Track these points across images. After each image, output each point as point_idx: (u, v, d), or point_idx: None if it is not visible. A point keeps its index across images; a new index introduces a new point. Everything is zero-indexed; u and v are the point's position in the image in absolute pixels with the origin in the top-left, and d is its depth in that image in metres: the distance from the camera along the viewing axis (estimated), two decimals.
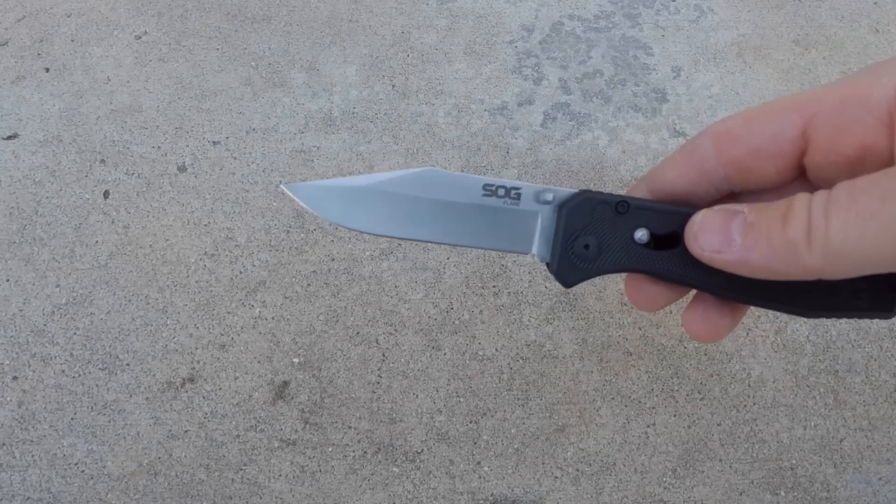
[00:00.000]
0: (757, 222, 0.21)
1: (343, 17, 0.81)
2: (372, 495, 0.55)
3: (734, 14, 0.82)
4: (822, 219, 0.20)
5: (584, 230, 0.26)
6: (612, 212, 0.26)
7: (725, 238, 0.22)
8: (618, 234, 0.26)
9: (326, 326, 0.61)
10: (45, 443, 0.56)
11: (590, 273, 0.27)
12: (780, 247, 0.21)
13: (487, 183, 0.27)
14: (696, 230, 0.23)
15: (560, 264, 0.27)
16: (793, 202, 0.21)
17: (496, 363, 0.59)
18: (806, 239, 0.20)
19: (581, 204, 0.26)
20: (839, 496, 0.55)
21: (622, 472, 0.56)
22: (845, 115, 0.21)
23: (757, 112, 0.24)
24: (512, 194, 0.27)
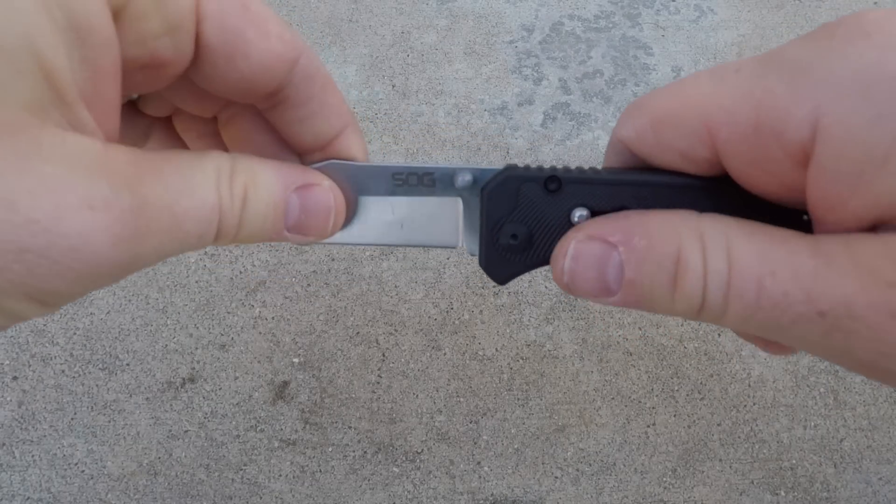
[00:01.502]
0: (636, 280, 0.18)
1: (343, 17, 0.81)
2: (372, 495, 0.55)
3: (734, 14, 0.82)
4: (721, 300, 0.17)
5: (510, 216, 0.22)
6: (541, 191, 0.22)
7: (601, 286, 0.19)
8: (551, 217, 0.22)
9: (326, 326, 0.61)
10: (45, 443, 0.56)
11: (523, 266, 0.23)
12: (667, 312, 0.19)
13: (396, 171, 0.24)
14: (566, 278, 0.20)
15: (488, 258, 0.23)
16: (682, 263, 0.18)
17: (496, 363, 0.59)
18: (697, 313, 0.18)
19: (503, 184, 0.22)
20: (839, 496, 0.55)
21: (622, 472, 0.56)
22: (757, 149, 0.18)
23: (663, 112, 0.20)
24: (425, 181, 0.23)
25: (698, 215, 0.19)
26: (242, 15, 0.20)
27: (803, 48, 0.17)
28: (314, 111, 0.23)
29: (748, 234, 0.18)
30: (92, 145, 0.17)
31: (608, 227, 0.20)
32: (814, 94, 0.16)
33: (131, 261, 0.18)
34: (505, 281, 0.23)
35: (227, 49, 0.20)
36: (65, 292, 0.17)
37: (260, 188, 0.21)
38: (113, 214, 0.17)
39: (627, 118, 0.21)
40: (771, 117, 0.17)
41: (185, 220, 0.18)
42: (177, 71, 0.20)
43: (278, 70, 0.21)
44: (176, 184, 0.19)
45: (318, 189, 0.22)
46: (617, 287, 0.19)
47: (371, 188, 0.24)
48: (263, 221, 0.21)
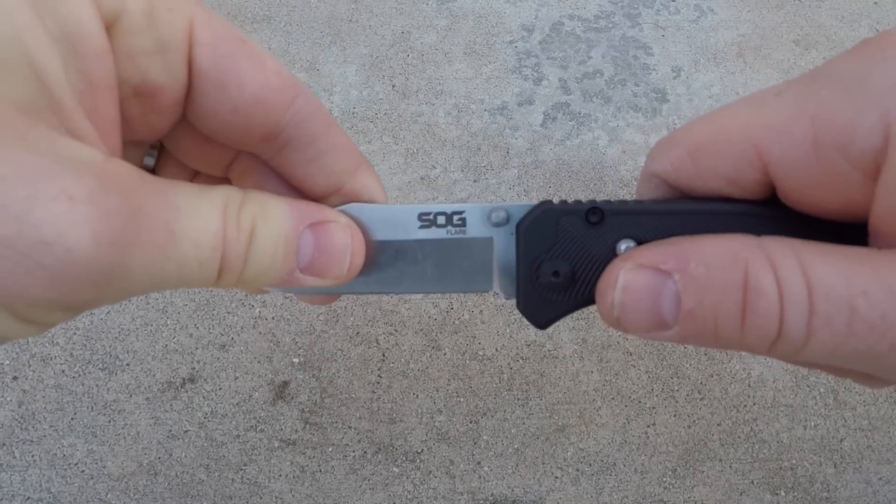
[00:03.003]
0: (696, 312, 0.16)
1: (343, 17, 0.81)
2: (372, 495, 0.55)
3: (734, 14, 0.82)
4: (803, 334, 0.15)
5: (549, 253, 0.21)
6: (582, 224, 0.20)
7: (655, 320, 0.17)
8: (595, 251, 0.20)
9: (326, 326, 0.61)
10: (45, 443, 0.56)
11: (567, 306, 0.21)
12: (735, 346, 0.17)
13: (423, 212, 0.22)
14: (616, 313, 0.18)
15: (527, 300, 0.21)
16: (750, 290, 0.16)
17: (496, 363, 0.59)
18: (770, 347, 0.16)
19: (540, 219, 0.21)
20: (839, 496, 0.55)
21: (622, 472, 0.56)
22: (820, 166, 0.16)
23: (702, 139, 0.18)
24: (455, 220, 0.22)
25: (758, 237, 0.17)
26: (238, 46, 0.20)
27: (851, 62, 0.16)
28: (322, 151, 0.22)
29: (822, 253, 0.16)
30: (89, 152, 0.16)
31: (659, 253, 0.18)
32: (879, 101, 0.15)
33: (115, 268, 0.16)
34: (547, 324, 0.21)
35: (219, 76, 0.19)
36: (39, 297, 0.15)
37: (270, 221, 0.19)
38: (97, 210, 0.15)
39: (660, 152, 0.20)
40: (833, 131, 0.16)
41: (183, 241, 0.17)
42: (171, 101, 0.20)
43: (275, 104, 0.20)
44: (178, 202, 0.17)
45: (335, 226, 0.21)
46: (674, 320, 0.17)
47: (396, 231, 0.22)
48: (273, 257, 0.19)
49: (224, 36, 0.19)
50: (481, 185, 0.68)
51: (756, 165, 0.17)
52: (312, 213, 0.21)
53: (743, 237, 0.17)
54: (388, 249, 0.22)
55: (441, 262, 0.22)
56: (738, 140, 0.17)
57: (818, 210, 0.17)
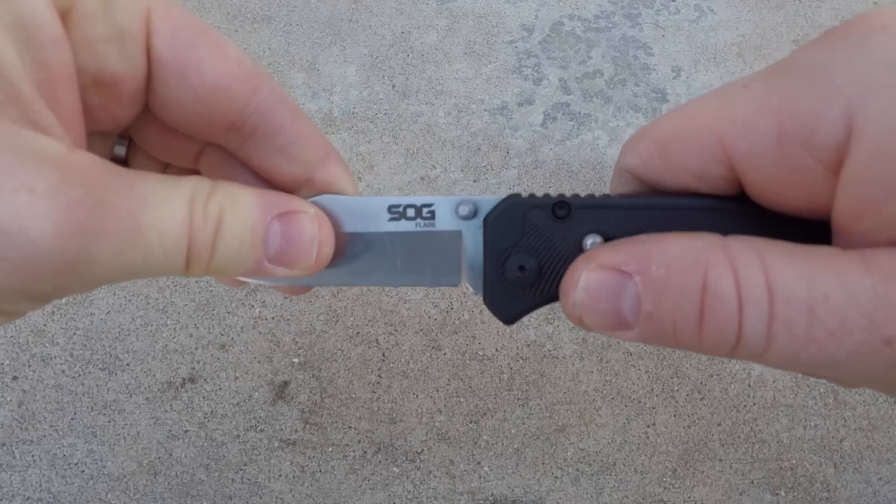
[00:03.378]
0: (655, 314, 0.16)
1: (343, 17, 0.81)
2: (372, 495, 0.55)
3: (734, 14, 0.82)
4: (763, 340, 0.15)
5: (515, 247, 0.20)
6: (548, 218, 0.20)
7: (616, 319, 0.17)
8: (562, 246, 0.20)
9: (326, 326, 0.61)
10: (45, 443, 0.56)
11: (532, 301, 0.21)
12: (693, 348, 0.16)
13: (393, 204, 0.22)
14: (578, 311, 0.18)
15: (492, 294, 0.21)
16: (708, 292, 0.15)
17: (496, 363, 0.59)
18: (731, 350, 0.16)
19: (507, 212, 0.20)
20: (839, 496, 0.55)
21: (622, 472, 0.56)
22: (784, 160, 0.16)
23: (669, 133, 0.18)
24: (424, 213, 0.22)
25: (723, 237, 0.17)
26: (198, 34, 0.19)
27: (815, 52, 0.16)
28: (288, 141, 0.22)
29: (785, 254, 0.15)
30: (53, 144, 0.16)
31: (621, 254, 0.17)
32: (842, 92, 0.15)
33: (80, 259, 0.16)
34: (513, 320, 0.21)
35: (179, 64, 0.19)
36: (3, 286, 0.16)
37: (238, 210, 0.19)
38: (58, 202, 0.15)
39: (631, 147, 0.20)
40: (796, 124, 0.15)
41: (149, 230, 0.17)
42: (131, 90, 0.20)
43: (237, 93, 0.20)
44: (144, 192, 0.17)
45: (303, 216, 0.21)
46: (634, 321, 0.17)
47: (365, 223, 0.22)
48: (240, 246, 0.19)
49: (183, 24, 0.19)
50: (481, 185, 0.68)
51: (721, 160, 0.17)
52: (280, 203, 0.21)
53: (707, 237, 0.17)
54: (357, 241, 0.22)
55: (410, 254, 0.22)
56: (703, 134, 0.17)
57: (784, 206, 0.17)
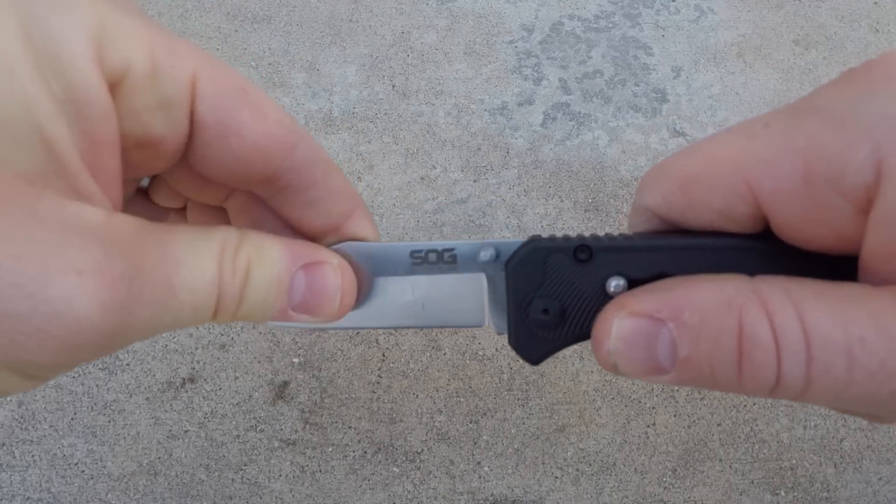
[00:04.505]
0: (692, 358, 0.17)
1: (343, 17, 0.81)
2: (372, 495, 0.55)
3: (734, 14, 0.82)
4: (802, 382, 0.15)
5: (538, 290, 0.21)
6: (570, 261, 0.20)
7: (651, 366, 0.17)
8: (584, 289, 0.20)
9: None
10: (45, 443, 0.56)
11: (558, 343, 0.21)
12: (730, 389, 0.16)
13: (414, 249, 0.23)
14: (612, 360, 0.18)
15: (518, 337, 0.21)
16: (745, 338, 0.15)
17: (496, 363, 0.59)
18: (769, 391, 0.16)
19: (528, 257, 0.21)
20: (839, 496, 0.55)
21: (622, 472, 0.56)
22: (812, 200, 0.16)
23: (692, 171, 0.18)
24: (446, 257, 0.23)
25: (751, 279, 0.17)
26: (240, 97, 0.20)
27: (838, 93, 0.16)
28: (320, 196, 0.23)
29: (817, 295, 0.16)
30: (94, 213, 0.17)
31: (652, 301, 0.18)
32: (870, 134, 0.15)
33: (119, 331, 0.17)
34: (539, 360, 0.22)
35: (221, 128, 0.20)
36: (47, 363, 0.16)
37: (265, 263, 0.20)
38: (103, 280, 0.16)
39: (651, 184, 0.20)
40: (824, 165, 0.16)
41: (181, 291, 0.18)
42: (172, 149, 0.20)
43: (274, 153, 0.21)
44: (177, 253, 0.18)
45: (327, 267, 0.22)
46: (671, 366, 0.17)
47: (389, 268, 0.23)
48: (266, 298, 0.20)
49: (227, 87, 0.20)
50: (481, 185, 0.68)
51: (747, 199, 0.17)
52: (306, 254, 0.21)
53: (736, 280, 0.17)
54: (381, 286, 0.23)
55: (433, 298, 0.23)
56: (727, 173, 0.17)
57: (811, 244, 0.17)
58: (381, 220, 0.66)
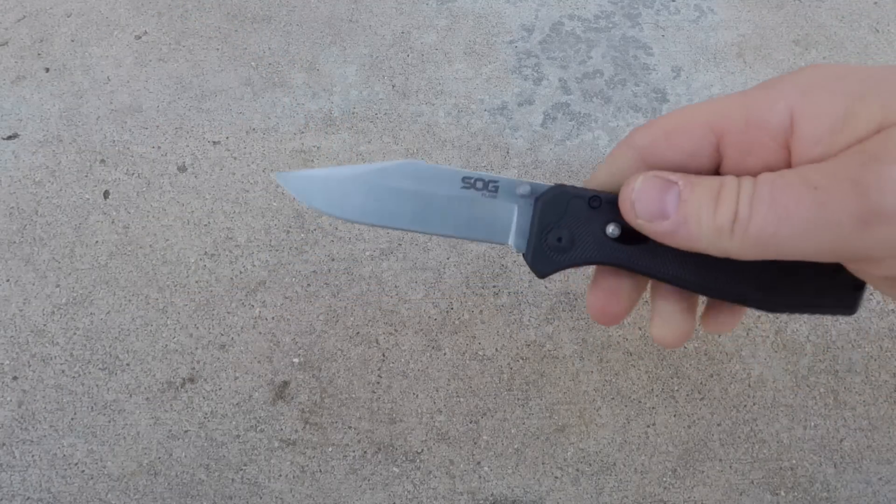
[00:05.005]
0: (690, 200, 0.23)
1: (343, 17, 0.81)
2: (372, 495, 0.55)
3: (734, 14, 0.82)
4: (748, 210, 0.21)
5: (557, 223, 0.27)
6: (585, 206, 0.27)
7: (660, 209, 0.24)
8: (590, 227, 0.27)
9: (326, 326, 0.61)
10: (45, 443, 0.56)
11: (562, 264, 0.27)
12: (707, 229, 0.23)
13: (466, 176, 0.28)
14: (633, 197, 0.24)
15: (535, 255, 0.28)
16: (723, 187, 0.23)
17: (496, 363, 0.59)
18: (730, 227, 0.22)
19: (556, 197, 0.27)
20: (839, 496, 0.55)
21: (622, 472, 0.56)
22: (750, 138, 0.23)
23: (674, 124, 0.25)
24: (490, 187, 0.28)
25: None
26: None
27: (778, 77, 0.24)
28: None
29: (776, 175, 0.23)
30: None
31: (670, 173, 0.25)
32: (787, 95, 0.23)
33: None
34: (546, 275, 0.27)
35: None
36: None
37: None
38: None
39: (643, 130, 0.26)
40: (757, 113, 0.23)
41: None
42: None
43: None
44: None
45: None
46: (673, 210, 0.23)
47: (443, 187, 0.28)
48: None
49: None
50: None
51: (711, 141, 0.24)
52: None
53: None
54: (435, 200, 0.28)
55: (473, 215, 0.28)
56: (699, 123, 0.24)
57: (749, 171, 0.24)
58: None
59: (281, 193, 0.68)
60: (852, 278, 0.26)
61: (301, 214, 0.66)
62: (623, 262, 0.27)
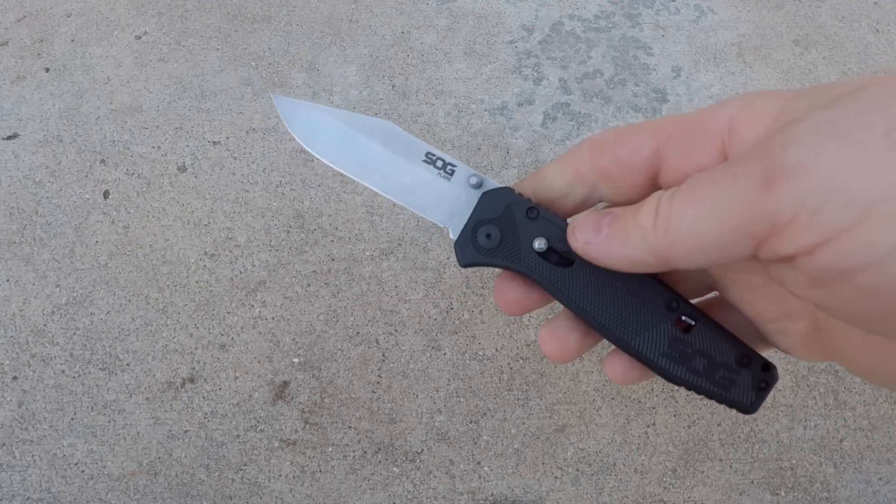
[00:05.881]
0: (620, 215, 0.25)
1: (343, 17, 0.81)
2: (372, 495, 0.55)
3: (734, 14, 0.82)
4: (668, 204, 0.23)
5: (492, 221, 0.28)
6: (523, 214, 0.28)
7: (596, 230, 0.25)
8: (520, 235, 0.28)
9: (326, 326, 0.61)
10: (45, 443, 0.56)
11: (484, 261, 0.28)
12: (633, 231, 0.24)
13: (430, 151, 0.30)
14: (574, 225, 0.26)
15: (462, 244, 0.28)
16: (647, 199, 0.24)
17: (496, 363, 0.59)
18: (653, 223, 0.23)
19: (498, 197, 0.28)
20: (839, 496, 0.55)
21: (622, 472, 0.56)
22: (689, 141, 0.25)
23: (627, 128, 0.27)
24: (447, 169, 0.30)
25: None
26: None
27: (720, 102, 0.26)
28: None
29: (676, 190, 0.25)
30: None
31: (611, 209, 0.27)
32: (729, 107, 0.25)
33: None
34: (467, 265, 0.29)
35: None
36: None
37: None
38: None
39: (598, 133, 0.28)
40: (701, 120, 0.25)
41: None
42: None
43: None
44: None
45: None
46: (607, 227, 0.25)
47: (407, 154, 0.30)
48: None
49: None
50: None
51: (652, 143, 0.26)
52: None
53: None
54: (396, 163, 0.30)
55: (423, 189, 0.29)
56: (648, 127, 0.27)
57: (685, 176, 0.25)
58: (382, 220, 0.66)
59: (281, 194, 0.68)
60: (760, 376, 0.27)
61: (301, 214, 0.66)
62: (540, 275, 0.27)
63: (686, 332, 0.27)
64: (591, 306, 0.27)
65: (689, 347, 0.27)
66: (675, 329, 0.27)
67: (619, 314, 0.27)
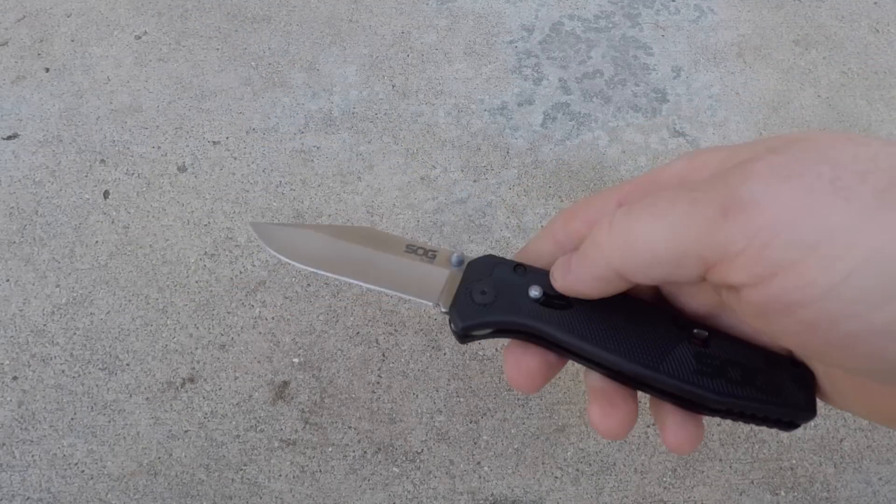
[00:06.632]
0: (582, 251, 0.26)
1: (343, 17, 0.81)
2: (372, 495, 0.55)
3: (734, 14, 0.82)
4: (624, 217, 0.24)
5: (483, 280, 0.29)
6: (510, 271, 0.29)
7: (567, 264, 0.27)
8: (514, 286, 0.29)
9: (326, 326, 0.61)
10: (45, 443, 0.56)
11: (482, 319, 0.28)
12: (591, 251, 0.25)
13: (410, 243, 0.32)
14: (552, 268, 0.28)
15: (456, 307, 0.29)
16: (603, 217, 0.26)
17: (496, 363, 0.59)
18: (608, 235, 0.24)
19: (484, 261, 0.30)
20: (839, 496, 0.55)
21: (622, 472, 0.56)
22: (646, 192, 0.26)
23: (593, 195, 0.29)
24: (429, 255, 0.32)
25: None
26: None
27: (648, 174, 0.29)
28: None
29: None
30: None
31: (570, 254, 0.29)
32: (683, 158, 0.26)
33: None
34: (467, 330, 0.29)
35: None
36: None
37: None
38: None
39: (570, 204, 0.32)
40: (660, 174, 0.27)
41: None
42: None
43: None
44: None
45: None
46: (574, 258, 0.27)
47: (387, 250, 0.32)
48: None
49: None
50: (481, 185, 0.68)
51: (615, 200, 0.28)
52: None
53: None
54: (377, 260, 0.32)
55: (409, 276, 0.31)
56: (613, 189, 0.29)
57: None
58: (382, 220, 0.66)
59: (281, 193, 0.68)
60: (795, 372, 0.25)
61: (301, 214, 0.66)
62: (546, 322, 0.27)
63: (706, 346, 0.26)
64: (603, 342, 0.26)
65: (716, 360, 0.25)
66: (694, 345, 0.25)
67: (634, 344, 0.26)
